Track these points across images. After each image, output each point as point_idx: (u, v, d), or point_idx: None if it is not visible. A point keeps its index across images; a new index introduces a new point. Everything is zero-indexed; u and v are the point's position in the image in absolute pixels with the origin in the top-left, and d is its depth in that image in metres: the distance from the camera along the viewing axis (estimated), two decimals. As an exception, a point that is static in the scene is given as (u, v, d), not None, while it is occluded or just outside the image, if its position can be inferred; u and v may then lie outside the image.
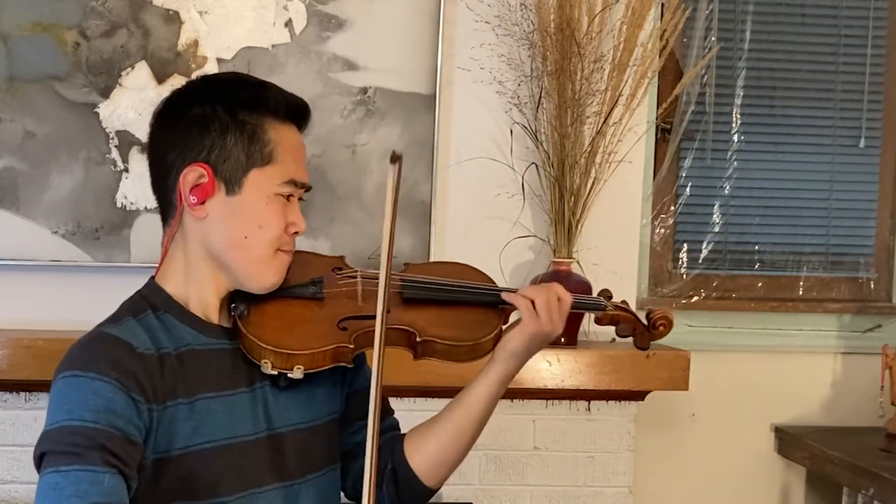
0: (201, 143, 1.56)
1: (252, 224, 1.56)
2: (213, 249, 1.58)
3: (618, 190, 2.85)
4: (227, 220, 1.56)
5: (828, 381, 3.20)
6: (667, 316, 1.80)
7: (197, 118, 1.57)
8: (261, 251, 1.57)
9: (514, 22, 2.75)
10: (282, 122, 1.59)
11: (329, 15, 2.74)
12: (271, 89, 1.60)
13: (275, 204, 1.57)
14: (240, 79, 1.69)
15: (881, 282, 3.25)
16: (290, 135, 1.60)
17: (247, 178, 1.55)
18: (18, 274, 2.66)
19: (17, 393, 2.61)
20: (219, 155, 1.55)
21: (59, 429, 1.43)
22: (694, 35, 3.07)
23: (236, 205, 1.56)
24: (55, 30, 2.64)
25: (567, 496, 2.80)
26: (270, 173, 1.56)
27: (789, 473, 3.18)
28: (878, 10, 3.21)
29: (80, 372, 1.46)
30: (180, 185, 1.56)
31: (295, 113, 1.61)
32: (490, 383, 1.67)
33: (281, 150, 1.57)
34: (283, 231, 1.58)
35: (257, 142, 1.56)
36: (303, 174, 1.60)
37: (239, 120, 1.56)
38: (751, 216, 3.20)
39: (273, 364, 1.56)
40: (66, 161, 2.66)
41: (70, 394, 1.45)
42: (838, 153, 3.23)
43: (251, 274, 1.58)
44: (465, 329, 1.67)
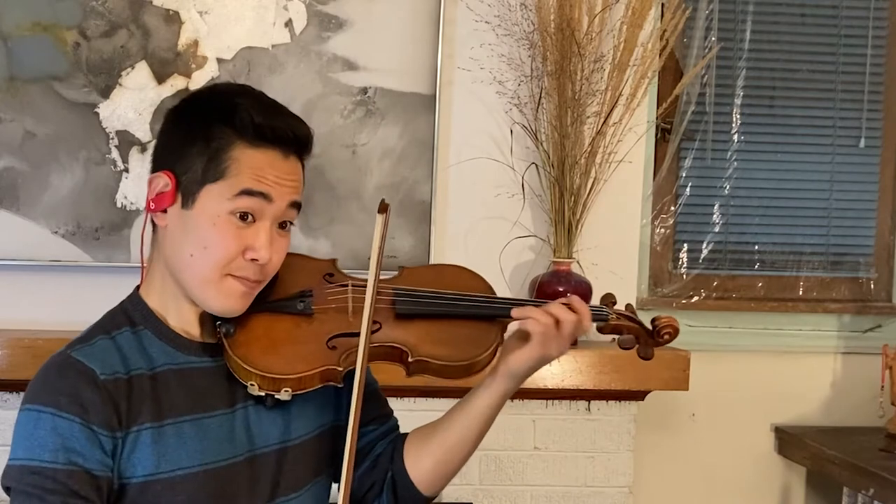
0: (173, 151, 1.52)
1: (198, 243, 1.48)
2: (170, 264, 1.53)
3: (618, 190, 2.85)
4: (178, 234, 1.50)
5: (828, 381, 3.20)
6: (673, 324, 1.69)
7: (178, 127, 1.54)
8: (205, 273, 1.49)
9: (514, 22, 2.75)
10: (251, 145, 1.49)
11: (329, 15, 2.74)
12: (251, 110, 1.51)
13: (224, 225, 1.48)
14: (228, 93, 1.58)
15: (881, 282, 3.25)
16: (261, 157, 1.49)
17: (200, 194, 1.49)
18: (18, 274, 2.66)
19: (17, 393, 2.60)
20: (182, 165, 1.50)
21: (20, 468, 1.42)
22: (694, 35, 3.07)
23: (188, 220, 1.49)
24: (55, 30, 2.64)
25: (567, 496, 2.80)
26: (220, 189, 1.48)
27: (789, 473, 3.18)
28: (878, 10, 3.21)
29: (42, 406, 1.43)
30: (148, 190, 1.53)
31: (270, 134, 1.50)
32: (490, 397, 1.62)
33: (238, 169, 1.48)
34: (236, 255, 1.49)
35: (217, 157, 1.48)
36: (263, 185, 1.48)
37: (210, 134, 1.49)
38: (751, 216, 3.19)
39: (260, 386, 1.51)
40: (66, 161, 2.66)
41: (31, 430, 1.43)
42: (838, 153, 3.23)
43: (197, 295, 1.52)
44: (460, 346, 1.59)
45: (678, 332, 1.70)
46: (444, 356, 1.58)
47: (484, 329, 1.61)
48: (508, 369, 1.60)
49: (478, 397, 1.63)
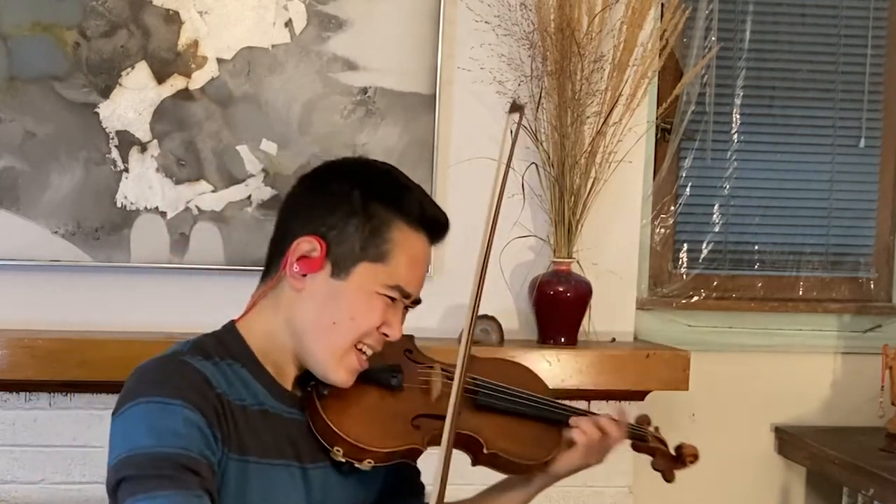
0: (325, 218, 1.54)
1: (345, 313, 1.53)
2: (297, 324, 1.55)
3: (618, 190, 2.85)
4: (322, 300, 1.54)
5: (828, 381, 3.20)
6: (696, 454, 1.93)
7: (331, 194, 1.56)
8: (341, 342, 1.54)
9: (514, 22, 2.75)
10: (411, 228, 1.56)
11: (329, 15, 2.74)
12: (415, 193, 1.59)
13: (375, 301, 1.54)
14: (391, 173, 1.63)
15: (881, 282, 3.25)
16: (415, 243, 1.57)
17: (356, 268, 1.53)
18: (18, 274, 2.66)
19: (17, 393, 2.61)
20: (337, 236, 1.53)
21: (147, 454, 1.39)
22: (694, 35, 3.06)
23: (337, 289, 1.53)
24: (55, 30, 2.64)
25: (567, 496, 2.79)
26: (380, 272, 1.53)
27: (789, 473, 3.18)
28: (878, 10, 3.21)
29: (167, 399, 1.43)
30: (290, 251, 1.54)
31: (430, 224, 1.59)
32: (528, 492, 1.74)
33: (398, 254, 1.54)
34: (374, 329, 1.55)
35: (377, 237, 1.53)
36: (414, 286, 1.57)
37: (369, 210, 1.54)
38: (751, 216, 3.19)
39: (344, 452, 1.53)
40: (66, 161, 2.66)
41: (158, 419, 1.42)
42: (838, 153, 3.23)
43: (320, 362, 1.55)
44: (528, 446, 1.67)
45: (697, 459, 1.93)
46: (515, 453, 1.65)
47: (549, 431, 1.72)
48: (550, 471, 1.72)
49: (516, 489, 1.74)
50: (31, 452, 2.63)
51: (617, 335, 2.89)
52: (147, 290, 2.70)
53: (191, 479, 1.38)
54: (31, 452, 2.63)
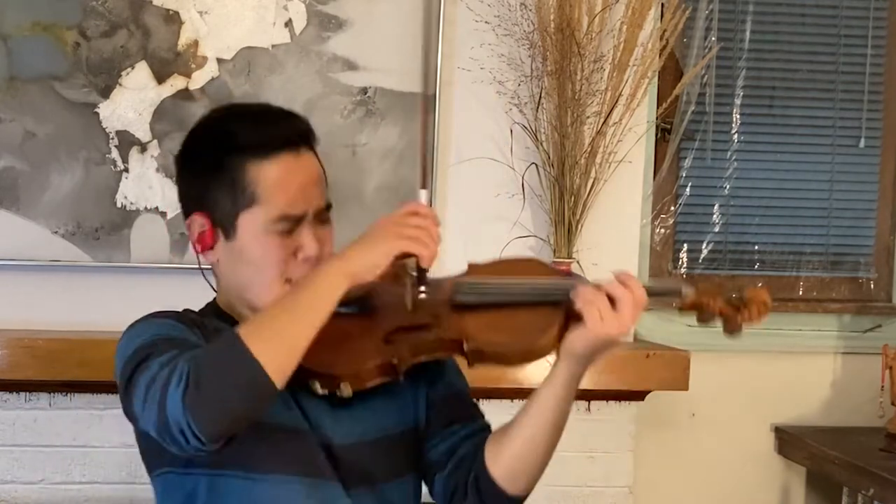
0: (196, 192, 1.61)
1: (251, 265, 1.58)
2: (231, 289, 1.64)
3: (618, 190, 2.84)
4: (231, 263, 1.61)
5: (828, 381, 3.20)
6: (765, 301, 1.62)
7: (192, 167, 1.64)
8: (267, 288, 1.57)
9: (514, 22, 2.75)
10: (262, 158, 1.57)
11: (329, 15, 2.74)
12: (245, 129, 1.59)
13: (270, 242, 1.57)
14: (219, 120, 1.66)
15: (881, 282, 3.25)
16: (275, 168, 1.57)
17: (238, 223, 1.58)
18: (18, 274, 2.66)
19: (17, 393, 2.61)
20: (212, 203, 1.59)
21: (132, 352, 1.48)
22: (694, 35, 3.06)
23: (235, 248, 1.59)
24: (55, 30, 2.64)
25: (567, 496, 2.79)
26: (256, 214, 1.56)
27: (789, 473, 3.18)
28: (878, 10, 3.20)
29: (143, 321, 1.55)
30: (189, 234, 1.64)
31: (277, 143, 1.58)
32: (556, 386, 1.59)
33: (264, 188, 1.56)
34: (289, 260, 1.57)
35: (238, 185, 1.56)
36: (298, 204, 1.57)
37: (221, 166, 1.58)
38: (751, 216, 3.19)
39: (321, 385, 1.55)
40: (66, 161, 2.66)
41: (136, 330, 1.53)
42: (838, 153, 3.23)
43: None
44: (519, 333, 1.57)
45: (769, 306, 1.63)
46: (501, 342, 1.56)
47: (544, 315, 1.57)
48: (565, 350, 1.56)
49: (544, 388, 1.60)
50: (31, 452, 2.63)
51: (617, 335, 2.89)
52: (147, 290, 2.70)
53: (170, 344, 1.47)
54: (31, 452, 2.63)
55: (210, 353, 1.40)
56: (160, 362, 1.42)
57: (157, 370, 1.41)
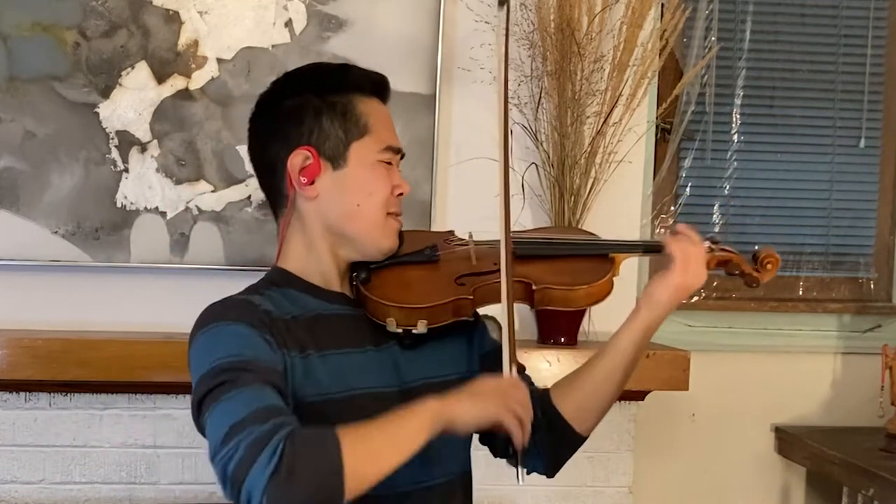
0: (300, 129, 1.67)
1: (362, 192, 1.67)
2: (331, 223, 1.68)
3: (618, 190, 2.84)
4: (338, 193, 1.67)
5: (828, 381, 3.20)
6: (773, 255, 1.91)
7: (290, 109, 1.68)
8: (374, 215, 1.68)
9: (513, 22, 2.75)
10: (367, 97, 1.70)
11: (329, 15, 2.74)
12: (352, 69, 1.75)
13: (379, 170, 1.68)
14: (320, 66, 1.83)
15: (881, 282, 3.25)
16: (377, 106, 1.71)
17: (349, 152, 1.67)
18: (18, 274, 2.66)
19: (17, 393, 2.61)
20: (318, 136, 1.66)
21: (211, 370, 1.50)
22: (694, 35, 3.07)
23: (344, 177, 1.67)
24: (55, 30, 2.64)
25: (567, 496, 2.80)
26: (369, 143, 1.67)
27: (789, 473, 3.18)
28: (878, 10, 3.21)
29: (216, 323, 1.56)
30: (289, 171, 1.66)
31: (378, 88, 1.73)
32: (635, 330, 1.76)
33: (373, 121, 1.68)
34: (391, 194, 1.69)
35: (351, 117, 1.67)
36: (396, 140, 1.72)
37: (329, 101, 1.67)
38: (751, 216, 3.20)
39: (398, 321, 1.64)
40: (66, 161, 2.66)
41: (212, 341, 1.54)
42: (838, 153, 3.23)
43: (369, 239, 1.69)
44: (578, 276, 1.75)
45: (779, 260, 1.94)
46: (565, 283, 1.74)
47: (597, 263, 1.80)
48: (650, 298, 1.76)
49: (622, 332, 1.77)
50: (31, 452, 2.63)
51: (617, 335, 2.89)
52: (147, 290, 2.70)
53: (248, 377, 1.48)
54: (31, 452, 2.63)
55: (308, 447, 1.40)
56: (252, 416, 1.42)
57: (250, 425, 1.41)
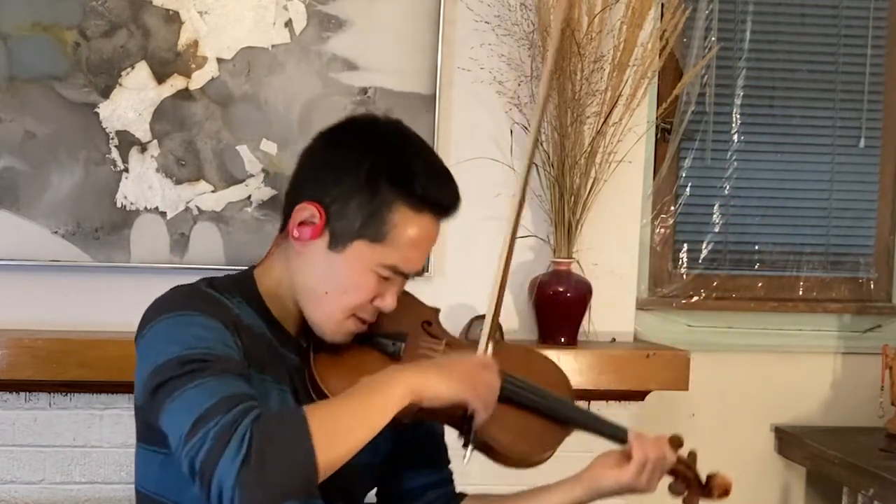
0: (330, 187, 1.56)
1: (338, 286, 1.56)
2: (297, 284, 1.60)
3: (618, 190, 2.84)
4: (317, 269, 1.57)
5: (828, 381, 3.20)
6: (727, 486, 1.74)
7: (341, 161, 1.57)
8: (334, 311, 1.57)
9: (514, 22, 2.75)
10: (415, 211, 1.56)
11: (329, 15, 2.74)
12: (424, 173, 1.56)
13: (369, 278, 1.56)
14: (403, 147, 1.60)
15: (881, 282, 3.25)
16: (419, 224, 1.57)
17: (352, 244, 1.55)
18: (18, 274, 2.66)
19: (17, 393, 2.61)
20: (338, 209, 1.55)
21: (177, 359, 1.44)
22: (694, 35, 3.06)
23: (332, 261, 1.56)
24: (55, 30, 2.64)
25: (567, 496, 2.79)
26: (376, 252, 1.55)
27: (789, 473, 3.18)
28: (878, 10, 3.21)
29: (187, 312, 1.50)
30: (293, 214, 1.57)
31: (436, 205, 1.58)
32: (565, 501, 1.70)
33: (397, 236, 1.55)
34: (366, 303, 1.58)
35: (378, 217, 1.54)
36: (413, 265, 1.58)
37: (374, 187, 1.54)
38: (751, 216, 3.20)
39: None
40: (66, 161, 2.66)
41: (179, 329, 1.48)
42: (838, 153, 3.23)
43: (318, 326, 1.60)
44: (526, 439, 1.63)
45: (729, 494, 1.74)
46: (507, 444, 1.61)
47: (553, 430, 1.67)
48: (594, 482, 1.69)
49: (553, 494, 1.71)
50: (31, 452, 2.63)
51: (617, 335, 2.89)
52: (147, 290, 2.67)
53: (215, 367, 1.42)
54: (31, 452, 2.63)
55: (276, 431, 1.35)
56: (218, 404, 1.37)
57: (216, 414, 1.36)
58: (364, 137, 1.61)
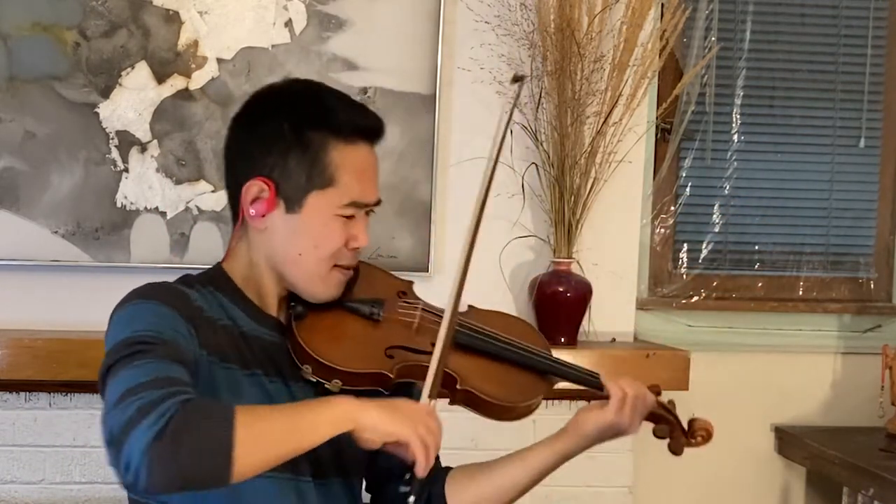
0: (265, 159, 1.59)
1: (308, 243, 1.59)
2: (272, 260, 1.62)
3: (618, 190, 2.85)
4: (284, 236, 1.60)
5: (828, 381, 3.20)
6: (708, 429, 1.80)
7: (265, 133, 1.60)
8: (315, 268, 1.60)
9: (514, 22, 2.75)
10: (348, 142, 1.59)
11: (329, 15, 2.74)
12: (337, 108, 1.61)
13: (333, 224, 1.59)
14: (305, 94, 1.66)
15: (881, 282, 3.25)
16: (356, 154, 1.60)
17: (307, 200, 1.58)
18: (18, 274, 2.66)
19: (17, 393, 2.61)
20: (281, 173, 1.58)
21: (125, 340, 1.45)
22: (694, 35, 3.06)
23: (295, 223, 1.59)
24: (55, 30, 2.64)
25: (567, 496, 2.79)
26: (331, 196, 1.58)
27: (789, 473, 3.18)
28: (878, 10, 3.20)
29: (144, 300, 1.53)
30: (242, 197, 1.60)
31: (365, 132, 1.61)
32: (550, 455, 1.70)
33: (343, 172, 1.58)
34: (341, 247, 1.60)
35: (318, 163, 1.57)
36: (368, 194, 1.61)
37: (303, 139, 1.58)
38: (751, 216, 3.19)
39: (313, 371, 1.59)
40: (66, 161, 2.66)
41: (134, 315, 1.51)
42: (838, 153, 3.23)
43: (304, 287, 1.62)
44: (507, 389, 1.67)
45: (712, 436, 1.81)
46: (490, 393, 1.65)
47: (534, 381, 1.71)
48: (578, 428, 1.70)
49: (539, 450, 1.71)
50: (31, 452, 2.63)
51: (617, 335, 2.89)
52: (147, 290, 2.70)
53: (161, 350, 1.43)
54: (31, 452, 2.63)
55: (201, 418, 1.34)
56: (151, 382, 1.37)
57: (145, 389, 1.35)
58: (272, 103, 1.64)
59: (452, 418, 1.76)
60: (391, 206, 2.76)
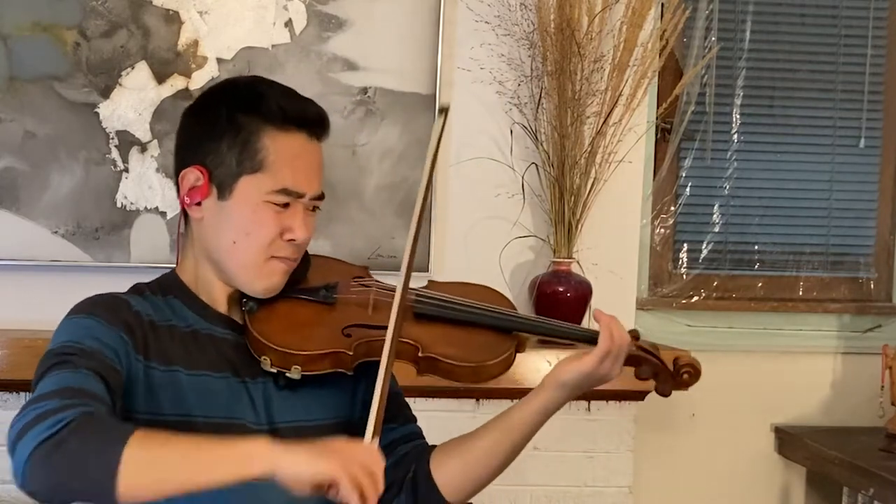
0: (201, 146, 1.59)
1: (240, 230, 1.57)
2: (209, 251, 1.61)
3: (618, 190, 2.85)
4: (218, 224, 1.59)
5: (828, 381, 3.20)
6: (693, 364, 1.76)
7: (203, 121, 1.61)
8: (249, 257, 1.58)
9: (514, 22, 2.75)
10: (280, 129, 1.58)
11: (329, 15, 2.74)
12: (268, 94, 1.60)
13: (264, 211, 1.57)
14: (252, 84, 1.67)
15: (881, 282, 3.25)
16: (289, 141, 1.58)
17: (237, 185, 1.57)
18: (18, 274, 2.66)
19: (17, 393, 2.60)
20: (213, 159, 1.58)
21: (46, 353, 1.47)
22: (694, 35, 3.07)
23: (226, 210, 1.58)
24: (55, 30, 2.64)
25: (567, 496, 2.79)
26: (261, 181, 1.56)
27: (789, 473, 3.18)
28: (878, 10, 3.21)
29: (76, 316, 1.54)
30: (180, 185, 1.61)
31: (299, 120, 1.59)
32: (533, 411, 1.64)
33: (275, 159, 1.56)
34: (276, 238, 1.58)
35: (249, 148, 1.56)
36: (302, 183, 1.58)
37: (236, 125, 1.57)
38: (751, 216, 3.19)
39: (272, 361, 1.58)
40: (66, 161, 2.66)
41: (63, 330, 1.52)
42: (838, 153, 3.23)
43: (240, 278, 1.61)
44: (471, 350, 1.64)
45: (700, 373, 1.77)
46: (453, 356, 1.62)
47: (498, 339, 1.67)
48: (555, 378, 1.63)
49: (518, 410, 1.65)
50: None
51: (617, 335, 2.89)
52: (147, 290, 2.70)
53: (79, 361, 1.43)
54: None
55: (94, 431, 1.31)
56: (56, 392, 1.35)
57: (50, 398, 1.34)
58: (215, 94, 1.65)
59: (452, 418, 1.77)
60: (391, 206, 2.76)
